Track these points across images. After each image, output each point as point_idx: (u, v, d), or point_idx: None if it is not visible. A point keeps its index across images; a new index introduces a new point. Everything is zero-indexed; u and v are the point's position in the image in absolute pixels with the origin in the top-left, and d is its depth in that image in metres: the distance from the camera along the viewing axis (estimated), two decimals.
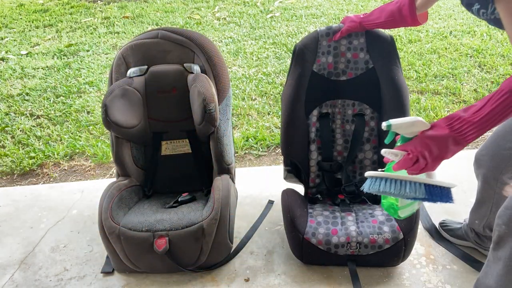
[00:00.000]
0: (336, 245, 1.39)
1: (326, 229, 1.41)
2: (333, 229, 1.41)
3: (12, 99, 3.08)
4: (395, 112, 1.51)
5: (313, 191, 1.66)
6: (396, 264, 1.45)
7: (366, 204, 1.57)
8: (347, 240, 1.38)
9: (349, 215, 1.48)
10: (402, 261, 1.44)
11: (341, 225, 1.43)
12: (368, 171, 1.66)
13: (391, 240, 1.37)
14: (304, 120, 1.59)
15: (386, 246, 1.37)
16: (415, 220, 1.37)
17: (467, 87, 2.78)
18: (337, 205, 1.57)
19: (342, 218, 1.46)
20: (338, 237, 1.39)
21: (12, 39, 4.40)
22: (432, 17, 4.03)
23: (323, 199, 1.63)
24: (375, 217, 1.45)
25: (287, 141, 1.57)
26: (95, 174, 2.26)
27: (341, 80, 1.60)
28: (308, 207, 1.54)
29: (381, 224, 1.41)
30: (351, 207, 1.54)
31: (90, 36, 4.30)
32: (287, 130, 1.56)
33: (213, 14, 4.75)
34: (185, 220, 1.44)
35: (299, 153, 1.60)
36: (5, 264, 1.63)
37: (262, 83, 3.01)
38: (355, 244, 1.38)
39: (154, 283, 1.49)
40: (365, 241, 1.38)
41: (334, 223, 1.44)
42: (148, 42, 1.65)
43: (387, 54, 1.51)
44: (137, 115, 1.63)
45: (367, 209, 1.51)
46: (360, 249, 1.38)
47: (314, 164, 1.65)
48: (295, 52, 1.56)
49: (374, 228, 1.40)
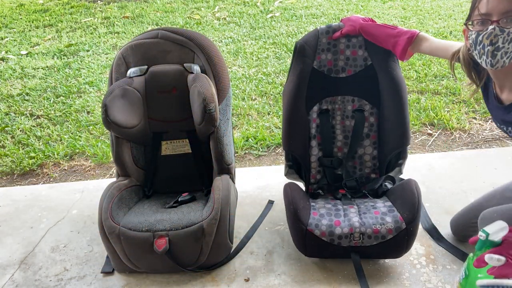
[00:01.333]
0: (339, 236, 1.38)
1: (329, 220, 1.41)
2: (336, 221, 1.41)
3: (12, 99, 3.08)
4: (394, 107, 1.53)
5: (314, 187, 1.68)
6: (399, 255, 1.44)
7: (367, 198, 1.57)
8: (350, 231, 1.38)
9: (351, 208, 1.48)
10: (405, 252, 1.42)
11: (344, 217, 1.43)
12: (368, 167, 1.65)
13: (394, 230, 1.36)
14: (305, 116, 1.61)
15: (389, 236, 1.36)
16: (417, 210, 1.36)
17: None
18: (339, 199, 1.58)
19: (345, 210, 1.47)
20: (341, 228, 1.38)
21: (12, 39, 4.40)
22: (432, 17, 4.03)
23: (325, 194, 1.64)
24: (377, 208, 1.45)
25: (289, 136, 1.58)
26: (95, 174, 2.26)
27: (340, 77, 1.62)
28: (311, 201, 1.55)
29: (384, 215, 1.41)
30: (353, 201, 1.55)
31: (90, 36, 4.30)
32: (288, 125, 1.57)
33: (213, 14, 4.75)
34: (185, 220, 1.44)
35: (300, 148, 1.62)
36: (5, 264, 1.63)
37: (262, 83, 3.01)
38: (358, 235, 1.37)
39: (154, 283, 1.49)
40: (368, 232, 1.37)
41: (337, 215, 1.44)
42: (148, 42, 1.65)
43: (385, 50, 1.52)
44: (137, 115, 1.63)
45: (369, 202, 1.52)
46: (363, 240, 1.38)
47: (315, 160, 1.66)
48: (296, 48, 1.58)
49: (377, 219, 1.39)
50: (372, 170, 1.67)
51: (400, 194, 1.45)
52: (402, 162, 1.57)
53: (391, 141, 1.56)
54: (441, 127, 2.42)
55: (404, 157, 1.57)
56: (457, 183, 1.87)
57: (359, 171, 1.68)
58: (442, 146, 2.28)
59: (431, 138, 2.34)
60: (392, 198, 1.49)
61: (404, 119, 1.52)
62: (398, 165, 1.58)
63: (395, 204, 1.45)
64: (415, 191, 1.39)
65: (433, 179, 1.91)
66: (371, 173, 1.67)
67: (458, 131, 2.37)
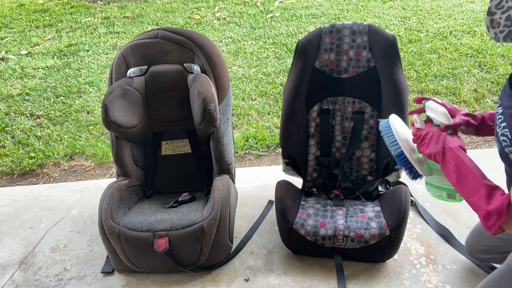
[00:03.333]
0: (323, 237, 1.42)
1: (315, 221, 1.44)
2: (321, 222, 1.44)
3: (12, 99, 3.08)
4: (394, 112, 1.51)
5: (310, 185, 1.69)
6: (382, 260, 1.47)
7: (359, 201, 1.59)
8: (334, 233, 1.41)
9: (340, 209, 1.51)
10: (388, 258, 1.45)
11: (330, 218, 1.45)
12: (365, 169, 1.67)
13: (377, 236, 1.38)
14: (304, 115, 1.61)
15: (372, 241, 1.39)
16: (403, 218, 1.38)
17: (467, 87, 2.78)
18: (331, 199, 1.59)
19: (333, 212, 1.49)
20: (326, 229, 1.41)
21: (12, 39, 4.40)
22: (432, 17, 4.03)
23: (319, 193, 1.65)
24: (364, 213, 1.47)
25: (286, 134, 1.59)
26: (95, 174, 2.26)
27: (342, 78, 1.62)
28: (302, 200, 1.57)
29: (370, 220, 1.43)
30: (344, 202, 1.56)
31: (90, 36, 4.30)
32: (286, 123, 1.58)
33: (213, 14, 4.75)
34: (185, 220, 1.44)
35: (297, 147, 1.62)
36: (5, 264, 1.63)
37: (262, 83, 3.01)
38: (342, 238, 1.40)
39: (154, 283, 1.49)
40: (351, 235, 1.40)
41: (324, 216, 1.47)
42: (148, 42, 1.65)
43: (389, 54, 1.52)
44: (137, 115, 1.63)
45: (359, 205, 1.54)
46: (346, 242, 1.41)
47: (312, 158, 1.68)
48: (297, 48, 1.58)
49: (362, 223, 1.42)
50: (369, 172, 1.67)
51: (389, 200, 1.47)
52: (399, 167, 1.57)
53: None
54: None
55: None
56: None
57: (355, 172, 1.68)
58: None
59: None
60: (382, 203, 1.50)
61: None
62: (395, 169, 1.58)
63: (383, 209, 1.46)
64: (403, 198, 1.40)
65: None
66: (367, 175, 1.67)
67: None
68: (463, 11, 4.11)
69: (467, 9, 4.15)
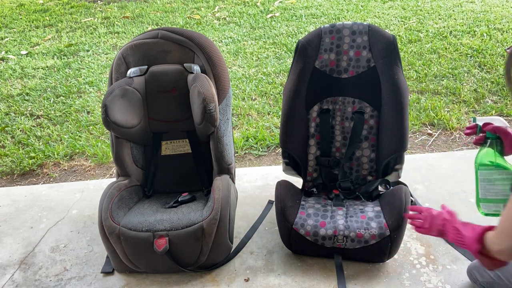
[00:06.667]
0: (323, 237, 1.42)
1: (315, 221, 1.44)
2: (321, 222, 1.44)
3: (12, 99, 3.08)
4: (393, 112, 1.52)
5: (310, 185, 1.69)
6: (382, 260, 1.47)
7: (359, 201, 1.59)
8: (334, 233, 1.41)
9: (340, 209, 1.51)
10: (388, 259, 1.46)
11: (330, 218, 1.45)
12: (365, 169, 1.67)
13: (377, 236, 1.38)
14: (304, 115, 1.61)
15: (372, 241, 1.39)
16: (402, 218, 1.38)
17: (467, 87, 2.78)
18: (331, 199, 1.59)
19: (333, 212, 1.49)
20: (326, 229, 1.42)
21: (12, 39, 4.40)
22: (432, 17, 4.03)
23: (319, 193, 1.65)
24: (364, 213, 1.47)
25: (285, 134, 1.59)
26: (95, 174, 2.26)
27: (342, 78, 1.62)
28: (302, 200, 1.56)
29: (370, 220, 1.43)
30: (344, 202, 1.56)
31: (90, 36, 4.30)
32: (286, 123, 1.58)
33: (213, 14, 4.75)
34: (185, 220, 1.44)
35: (297, 147, 1.62)
36: (5, 264, 1.63)
37: (262, 83, 3.01)
38: (342, 238, 1.40)
39: (154, 283, 1.49)
40: (351, 235, 1.40)
41: (324, 216, 1.47)
42: (148, 42, 1.65)
43: (389, 54, 1.52)
44: (137, 115, 1.63)
45: (359, 205, 1.54)
46: (346, 242, 1.41)
47: (312, 158, 1.68)
48: (297, 48, 1.58)
49: (362, 223, 1.42)
50: (369, 172, 1.67)
51: (389, 200, 1.47)
52: (399, 168, 1.57)
53: (388, 145, 1.56)
54: (441, 127, 2.42)
55: (401, 162, 1.56)
56: (457, 183, 1.87)
57: (355, 172, 1.68)
58: (442, 146, 2.28)
59: (431, 138, 2.34)
60: (382, 203, 1.50)
61: (402, 125, 1.50)
62: (395, 169, 1.58)
63: (383, 209, 1.46)
64: (403, 198, 1.40)
65: (433, 179, 1.91)
66: (367, 175, 1.67)
67: (458, 131, 2.37)
68: (463, 11, 4.11)
69: (467, 9, 4.15)
